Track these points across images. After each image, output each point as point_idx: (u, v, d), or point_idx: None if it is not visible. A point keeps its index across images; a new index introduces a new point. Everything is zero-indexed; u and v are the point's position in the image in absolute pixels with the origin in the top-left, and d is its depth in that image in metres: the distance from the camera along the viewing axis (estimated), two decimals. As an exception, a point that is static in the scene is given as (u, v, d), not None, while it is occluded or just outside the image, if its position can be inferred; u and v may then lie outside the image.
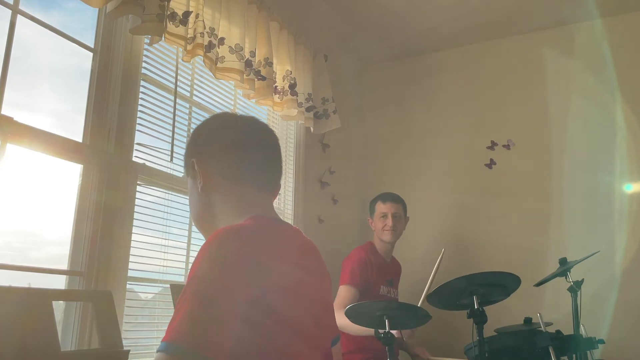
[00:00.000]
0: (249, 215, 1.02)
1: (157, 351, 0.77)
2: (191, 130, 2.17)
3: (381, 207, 2.78)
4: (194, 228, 2.14)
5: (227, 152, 1.07)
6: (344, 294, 2.51)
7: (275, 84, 2.55)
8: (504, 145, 3.32)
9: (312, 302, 0.99)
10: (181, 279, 2.09)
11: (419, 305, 2.45)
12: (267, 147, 1.11)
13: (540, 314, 2.12)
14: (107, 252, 1.72)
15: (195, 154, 1.08)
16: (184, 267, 2.11)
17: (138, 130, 1.92)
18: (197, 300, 0.80)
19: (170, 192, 2.06)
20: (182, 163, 1.20)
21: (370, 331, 2.26)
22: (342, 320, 2.32)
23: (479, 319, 1.98)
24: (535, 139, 3.24)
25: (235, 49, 2.23)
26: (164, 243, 2.01)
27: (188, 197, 1.14)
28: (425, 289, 2.41)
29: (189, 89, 2.23)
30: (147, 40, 1.94)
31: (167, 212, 2.03)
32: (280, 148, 1.14)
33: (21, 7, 1.58)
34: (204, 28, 2.05)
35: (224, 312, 0.80)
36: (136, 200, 1.89)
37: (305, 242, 1.05)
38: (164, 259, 2.01)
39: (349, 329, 2.40)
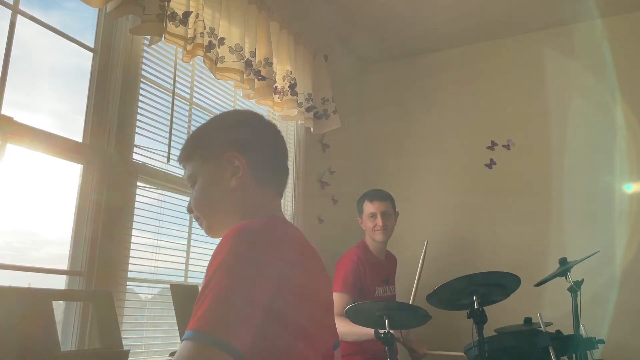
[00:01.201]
0: (265, 215, 1.03)
1: (183, 339, 0.78)
2: (191, 131, 2.17)
3: (369, 207, 2.74)
4: (194, 228, 2.14)
5: (263, 152, 1.09)
6: (337, 302, 2.48)
7: (275, 84, 2.55)
8: (504, 145, 3.32)
9: (319, 305, 1.00)
10: (181, 280, 2.09)
11: (410, 302, 2.45)
12: (285, 151, 1.15)
13: (540, 314, 2.12)
14: (107, 252, 1.72)
15: (233, 146, 1.06)
16: (184, 267, 2.11)
17: (137, 133, 1.92)
18: (220, 291, 0.80)
19: (170, 193, 2.06)
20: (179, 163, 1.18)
21: (365, 335, 2.26)
22: (338, 328, 2.32)
23: (479, 319, 1.98)
24: (535, 139, 3.24)
25: (235, 49, 2.23)
26: (164, 244, 2.01)
27: (201, 186, 1.08)
28: (415, 284, 2.41)
29: (188, 90, 2.23)
30: (146, 41, 1.94)
31: (167, 213, 2.03)
32: None
33: (21, 7, 1.57)
34: (204, 28, 2.05)
35: (246, 302, 0.81)
36: (136, 200, 1.89)
37: (308, 243, 1.06)
38: (164, 260, 2.01)
39: (346, 337, 2.39)
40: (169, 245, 2.03)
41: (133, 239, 1.85)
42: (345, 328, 2.30)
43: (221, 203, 1.06)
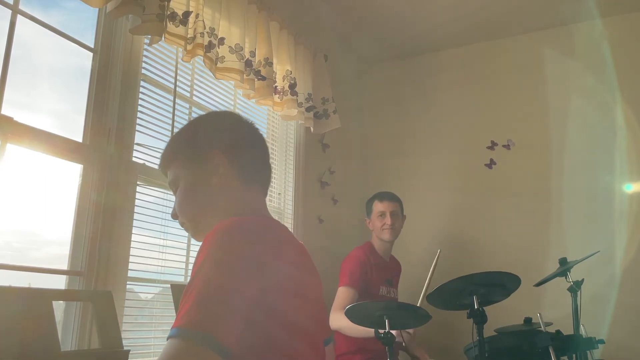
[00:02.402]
0: (252, 213, 1.03)
1: (168, 337, 0.77)
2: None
3: (378, 206, 2.78)
4: (194, 228, 2.14)
5: (244, 150, 1.09)
6: (343, 296, 2.49)
7: (275, 84, 2.55)
8: (504, 145, 3.32)
9: (310, 301, 1.00)
10: (181, 279, 2.09)
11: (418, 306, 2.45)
12: (267, 149, 1.15)
13: (540, 314, 2.12)
14: (107, 252, 1.72)
15: (215, 145, 1.06)
16: (184, 267, 2.11)
17: (138, 131, 1.92)
18: (206, 286, 0.79)
19: (169, 193, 2.06)
20: None
21: (368, 332, 2.26)
22: (340, 321, 2.31)
23: (479, 319, 1.98)
24: (535, 139, 3.24)
25: (235, 49, 2.23)
26: (164, 243, 2.01)
27: (183, 189, 1.07)
28: (423, 292, 2.39)
29: (188, 89, 2.23)
30: (147, 41, 1.94)
31: (167, 212, 2.03)
32: None
33: (21, 7, 1.57)
34: (204, 28, 2.05)
35: (233, 298, 0.80)
36: (136, 200, 1.89)
37: (296, 240, 1.06)
38: (164, 259, 2.01)
39: (346, 330, 2.39)
40: (169, 245, 2.03)
41: (133, 239, 1.85)
42: (347, 322, 2.30)
43: (206, 204, 1.05)
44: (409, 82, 3.72)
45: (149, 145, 1.96)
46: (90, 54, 1.81)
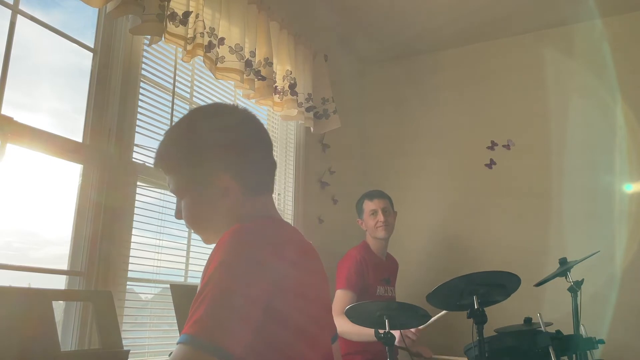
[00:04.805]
0: (261, 216, 1.02)
1: (178, 342, 0.78)
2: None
3: (369, 205, 2.77)
4: (194, 228, 2.14)
5: (251, 158, 1.05)
6: (341, 299, 2.48)
7: (275, 84, 2.55)
8: (504, 145, 3.32)
9: (315, 303, 1.00)
10: (181, 279, 2.09)
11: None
12: (268, 143, 1.10)
13: (540, 314, 2.12)
14: (107, 252, 1.72)
15: (221, 167, 1.01)
16: (184, 267, 2.11)
17: (137, 132, 1.92)
18: (218, 295, 0.80)
19: (170, 193, 2.06)
20: None
21: (370, 338, 2.25)
22: (343, 327, 2.30)
23: (479, 319, 1.98)
24: (535, 139, 3.24)
25: (235, 49, 2.23)
26: (164, 243, 2.01)
27: (190, 205, 1.04)
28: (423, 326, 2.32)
29: (188, 89, 2.23)
30: (146, 41, 1.94)
31: (167, 213, 2.03)
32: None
33: (21, 7, 1.57)
34: (204, 28, 2.05)
35: (243, 307, 0.81)
36: (136, 200, 1.89)
37: (305, 242, 1.06)
38: (164, 259, 2.00)
39: (351, 336, 2.39)
40: (169, 245, 2.03)
41: (133, 239, 1.85)
42: (350, 327, 2.29)
43: (214, 220, 1.04)
44: (409, 82, 3.72)
45: (146, 147, 1.96)
46: (90, 54, 1.81)
